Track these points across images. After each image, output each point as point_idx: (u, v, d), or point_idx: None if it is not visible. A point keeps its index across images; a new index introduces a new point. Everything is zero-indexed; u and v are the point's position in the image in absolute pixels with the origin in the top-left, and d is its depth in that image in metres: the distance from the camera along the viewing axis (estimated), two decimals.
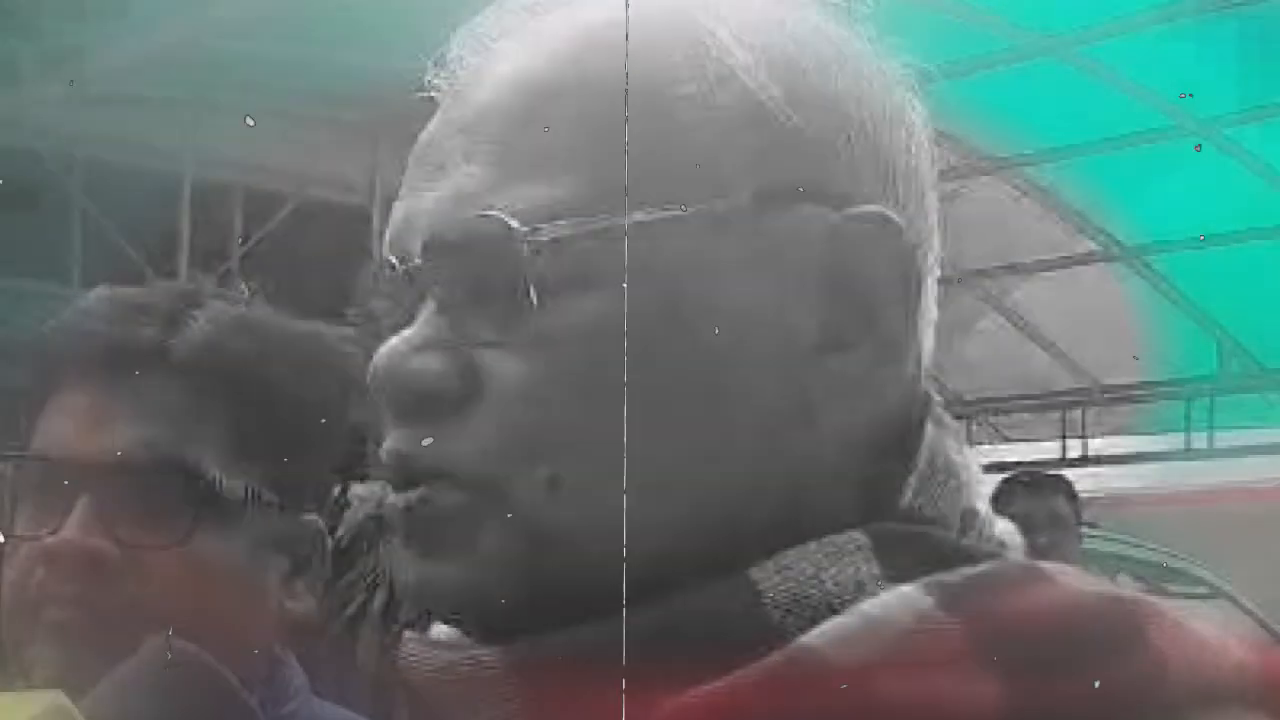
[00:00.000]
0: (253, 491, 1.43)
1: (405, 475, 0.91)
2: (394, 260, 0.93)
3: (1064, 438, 11.08)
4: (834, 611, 0.85)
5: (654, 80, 0.91)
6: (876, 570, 0.87)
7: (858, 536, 0.88)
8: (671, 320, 0.88)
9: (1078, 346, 11.00)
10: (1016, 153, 9.22)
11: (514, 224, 0.88)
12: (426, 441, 0.90)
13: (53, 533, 1.39)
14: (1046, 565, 0.89)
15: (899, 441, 0.92)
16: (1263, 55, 8.19)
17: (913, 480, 0.91)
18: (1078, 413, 11.04)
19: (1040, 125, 9.05)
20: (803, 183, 0.91)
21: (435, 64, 0.98)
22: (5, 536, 1.43)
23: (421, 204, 0.93)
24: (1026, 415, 10.79)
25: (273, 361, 1.47)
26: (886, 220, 0.92)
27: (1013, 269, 9.90)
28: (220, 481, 1.41)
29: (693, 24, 0.93)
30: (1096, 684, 0.82)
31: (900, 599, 0.85)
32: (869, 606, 0.85)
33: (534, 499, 0.88)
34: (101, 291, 1.50)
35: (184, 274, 9.32)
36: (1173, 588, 7.70)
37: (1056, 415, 11.06)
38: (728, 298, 0.89)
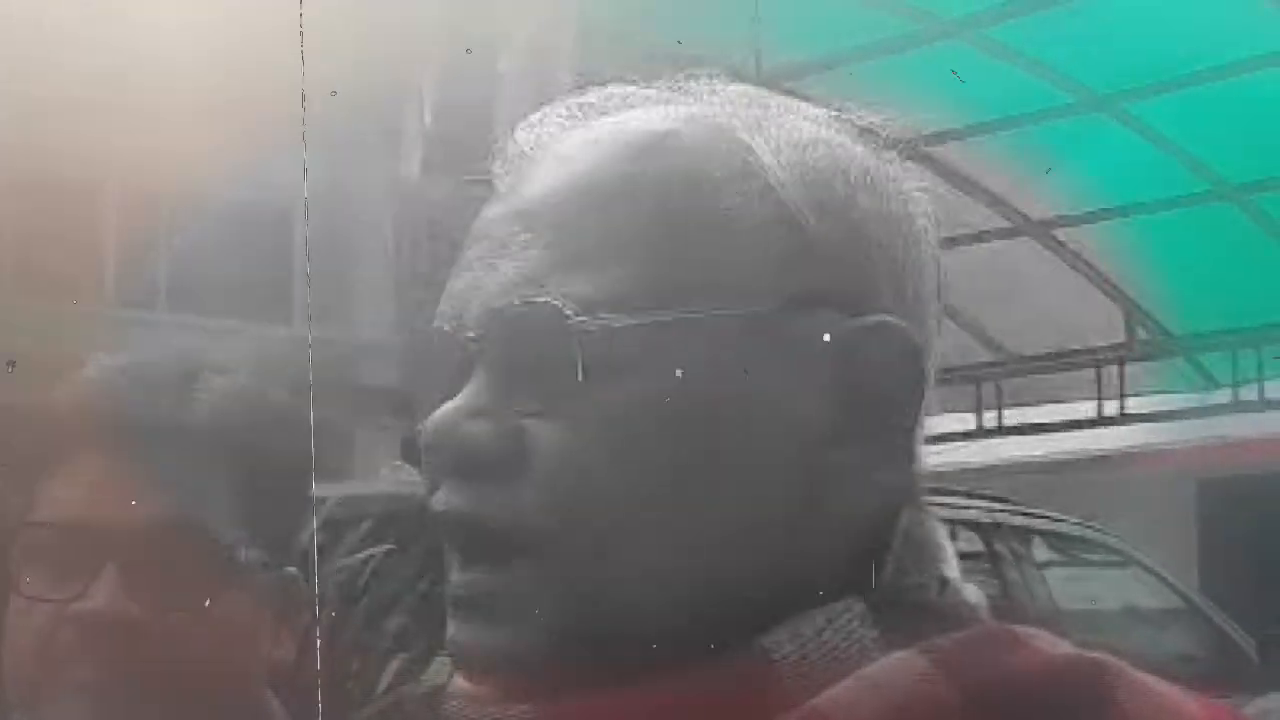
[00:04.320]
0: (253, 552, 1.51)
1: (453, 534, 0.99)
2: (447, 327, 1.00)
3: (979, 409, 11.22)
4: (838, 675, 0.93)
5: (699, 190, 0.99)
6: (874, 635, 0.95)
7: (855, 604, 0.96)
8: (698, 410, 0.95)
9: (990, 320, 11.13)
10: (922, 133, 9.33)
11: (568, 311, 0.95)
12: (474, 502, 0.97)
13: (79, 597, 1.46)
14: (1019, 629, 0.97)
15: (888, 520, 1.00)
16: (1159, 30, 8.32)
17: (893, 551, 0.99)
18: (991, 384, 11.17)
19: (944, 106, 9.16)
20: (825, 291, 0.99)
21: (495, 154, 1.07)
22: (25, 597, 1.48)
23: (481, 281, 1.00)
24: (943, 388, 10.89)
25: (263, 428, 1.55)
26: (897, 329, 0.99)
27: None
28: (233, 546, 1.49)
29: (736, 141, 1.02)
30: None
31: (898, 663, 0.92)
32: (871, 670, 0.92)
33: (581, 563, 0.95)
34: (104, 362, 1.57)
35: (110, 283, 9.30)
36: (1085, 556, 7.82)
37: (971, 388, 11.19)
38: (751, 393, 0.96)
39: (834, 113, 1.08)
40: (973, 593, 1.03)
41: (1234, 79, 8.40)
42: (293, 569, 1.58)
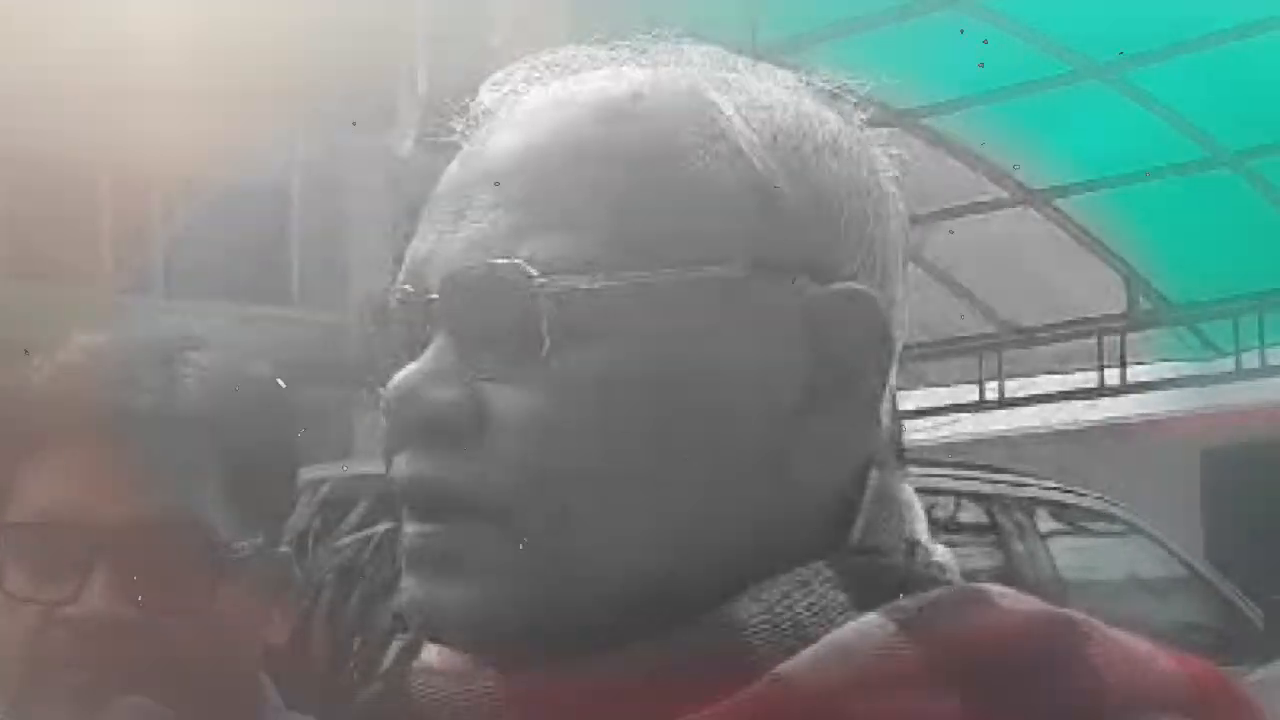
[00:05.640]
0: (248, 538, 1.47)
1: (414, 498, 0.97)
2: (409, 289, 0.99)
3: (980, 380, 11.22)
4: (806, 639, 0.93)
5: (668, 152, 0.98)
6: (842, 599, 0.95)
7: (822, 568, 0.96)
8: (666, 373, 0.95)
9: (990, 291, 11.13)
10: (921, 104, 9.34)
11: (533, 272, 0.94)
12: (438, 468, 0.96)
13: (72, 599, 1.41)
14: (989, 588, 0.97)
15: (856, 483, 1.00)
16: None
17: (862, 515, 0.99)
18: (993, 355, 11.18)
19: (942, 76, 9.15)
20: (794, 256, 0.98)
21: (459, 111, 1.06)
22: (15, 599, 1.44)
23: (444, 243, 0.98)
24: (943, 360, 10.91)
25: (252, 409, 1.50)
26: (866, 297, 0.99)
27: (923, 218, 10.03)
28: (229, 539, 1.45)
29: (706, 103, 1.00)
30: (1041, 696, 0.90)
31: (866, 626, 0.93)
32: (838, 635, 0.93)
33: (544, 528, 0.94)
34: (83, 344, 1.50)
35: (108, 266, 9.30)
36: (1089, 526, 7.82)
37: (973, 359, 11.20)
38: (719, 356, 0.96)
39: (801, 76, 1.07)
40: (943, 554, 1.02)
41: (1232, 44, 8.37)
42: (285, 549, 1.56)
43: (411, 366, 0.97)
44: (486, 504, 0.95)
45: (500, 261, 0.95)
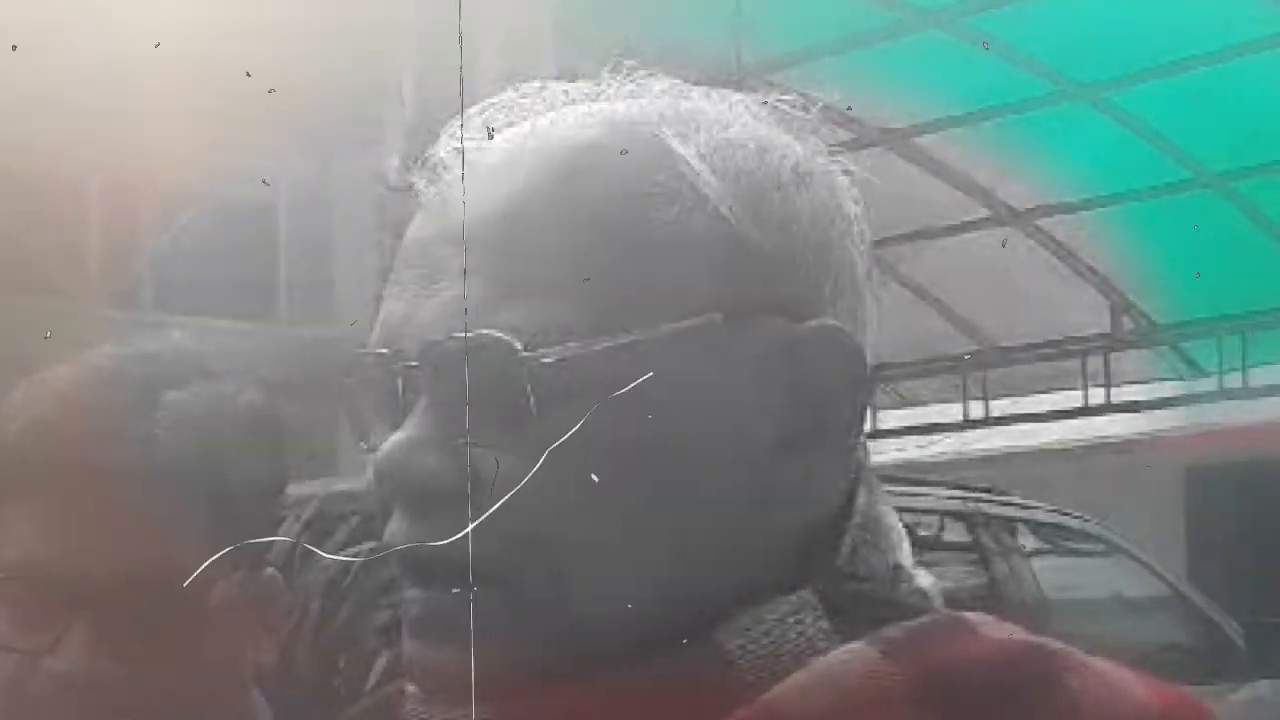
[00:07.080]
0: (233, 573, 1.44)
1: (408, 565, 0.98)
2: (385, 352, 0.99)
3: (965, 399, 11.25)
4: (790, 667, 0.94)
5: (634, 205, 0.97)
6: (826, 626, 0.97)
7: (808, 596, 0.97)
8: (649, 427, 0.95)
9: (975, 310, 11.16)
10: (906, 124, 9.36)
11: (516, 345, 0.94)
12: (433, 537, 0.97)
13: (50, 651, 1.39)
14: (970, 616, 0.98)
15: (838, 511, 1.00)
16: (1141, 18, 8.35)
17: (847, 541, 0.99)
18: (978, 374, 11.21)
19: (926, 97, 9.18)
20: (766, 299, 0.98)
21: (418, 162, 1.04)
22: None
23: (419, 307, 0.98)
24: (928, 379, 10.94)
25: (235, 448, 1.46)
26: (839, 333, 0.98)
27: (907, 238, 10.05)
28: (214, 579, 1.41)
29: (668, 151, 0.99)
30: None
31: (851, 654, 0.94)
32: (824, 662, 0.94)
33: (536, 588, 0.95)
34: (58, 389, 1.45)
35: (94, 281, 9.26)
36: (1070, 546, 7.83)
37: (957, 378, 11.23)
38: (699, 406, 0.96)
39: (758, 99, 1.06)
40: (926, 580, 1.03)
41: (1215, 66, 8.42)
42: (272, 570, 1.53)
43: (398, 435, 0.97)
44: (479, 570, 0.95)
45: (482, 333, 0.95)
